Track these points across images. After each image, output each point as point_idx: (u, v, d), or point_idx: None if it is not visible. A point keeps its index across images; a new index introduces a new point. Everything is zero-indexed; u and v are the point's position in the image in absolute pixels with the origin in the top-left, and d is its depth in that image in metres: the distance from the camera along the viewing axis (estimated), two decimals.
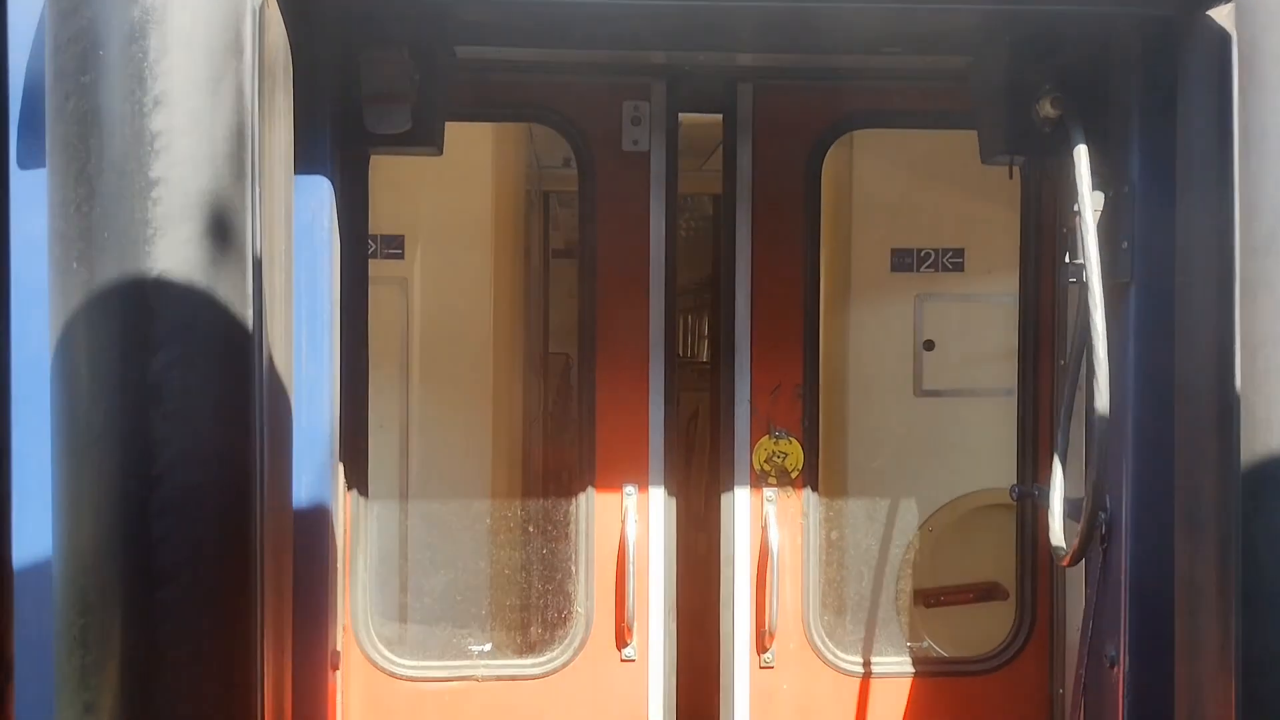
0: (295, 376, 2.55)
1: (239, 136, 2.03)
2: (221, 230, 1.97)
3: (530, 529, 4.18)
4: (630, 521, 3.86)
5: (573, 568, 4.07)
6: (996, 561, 4.63)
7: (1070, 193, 3.00)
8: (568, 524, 4.05)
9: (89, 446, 1.99)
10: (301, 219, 2.68)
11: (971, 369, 4.64)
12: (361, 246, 3.47)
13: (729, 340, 4.00)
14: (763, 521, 3.97)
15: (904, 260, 4.63)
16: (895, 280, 4.63)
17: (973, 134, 3.49)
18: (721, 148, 4.15)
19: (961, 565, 4.71)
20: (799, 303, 4.00)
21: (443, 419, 4.57)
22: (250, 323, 2.04)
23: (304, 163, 2.59)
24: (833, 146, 4.19)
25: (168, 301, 1.98)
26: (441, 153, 3.20)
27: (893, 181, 4.64)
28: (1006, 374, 4.55)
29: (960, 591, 4.69)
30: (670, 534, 3.95)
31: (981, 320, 4.65)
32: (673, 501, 3.96)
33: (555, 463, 5.52)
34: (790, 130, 4.07)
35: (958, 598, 4.68)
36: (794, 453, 3.96)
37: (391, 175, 4.39)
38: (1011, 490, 4.24)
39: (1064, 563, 3.25)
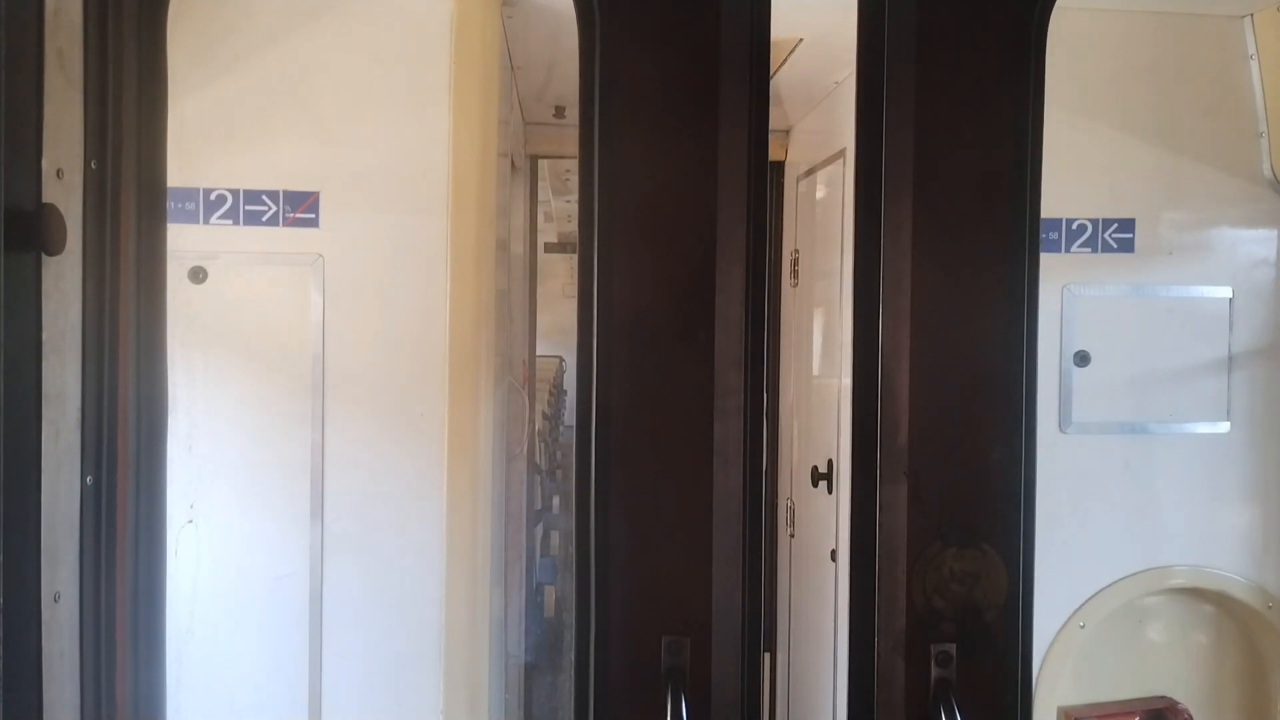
0: None
1: None
2: None
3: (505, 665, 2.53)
4: (676, 703, 1.82)
5: None
6: (1173, 669, 3.31)
7: None
8: (556, 684, 2.34)
9: None
10: None
11: (1148, 395, 3.21)
12: (156, 167, 1.78)
13: (866, 363, 1.89)
14: (927, 689, 1.89)
15: (1047, 235, 3.20)
16: None
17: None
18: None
19: (1124, 674, 3.32)
20: (1012, 284, 1.87)
21: (373, 461, 3.08)
22: None
23: None
24: None
25: None
26: None
27: None
28: (1203, 401, 3.16)
29: (1123, 713, 3.29)
30: None
31: (1162, 324, 3.22)
32: (755, 669, 1.87)
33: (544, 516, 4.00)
34: None
35: None
36: (992, 575, 1.87)
37: (304, 102, 3.03)
38: None
39: None
